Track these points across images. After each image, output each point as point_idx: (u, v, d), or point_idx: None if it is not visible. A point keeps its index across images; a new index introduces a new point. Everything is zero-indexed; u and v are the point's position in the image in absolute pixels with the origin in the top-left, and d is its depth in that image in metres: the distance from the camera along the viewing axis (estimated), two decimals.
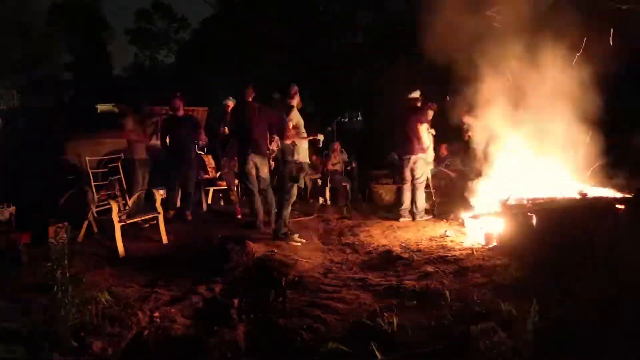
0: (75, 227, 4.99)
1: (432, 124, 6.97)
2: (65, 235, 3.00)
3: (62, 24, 26.92)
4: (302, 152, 5.57)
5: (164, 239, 5.49)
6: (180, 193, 6.79)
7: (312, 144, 6.40)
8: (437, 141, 7.55)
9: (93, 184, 5.52)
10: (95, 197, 5.53)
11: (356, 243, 5.37)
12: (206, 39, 22.82)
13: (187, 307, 3.45)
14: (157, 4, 31.41)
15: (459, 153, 8.51)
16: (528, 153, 5.60)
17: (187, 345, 2.82)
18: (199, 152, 8.61)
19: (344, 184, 8.71)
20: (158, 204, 5.49)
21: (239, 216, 6.89)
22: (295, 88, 5.72)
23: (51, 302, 2.93)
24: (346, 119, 19.56)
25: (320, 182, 9.00)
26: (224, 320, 3.12)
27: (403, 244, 5.24)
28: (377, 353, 2.50)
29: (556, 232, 3.87)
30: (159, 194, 5.67)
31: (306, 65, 17.00)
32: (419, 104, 6.85)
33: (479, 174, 6.41)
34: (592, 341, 2.48)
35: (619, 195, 4.20)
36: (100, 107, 9.44)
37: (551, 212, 4.14)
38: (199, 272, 4.35)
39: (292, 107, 5.65)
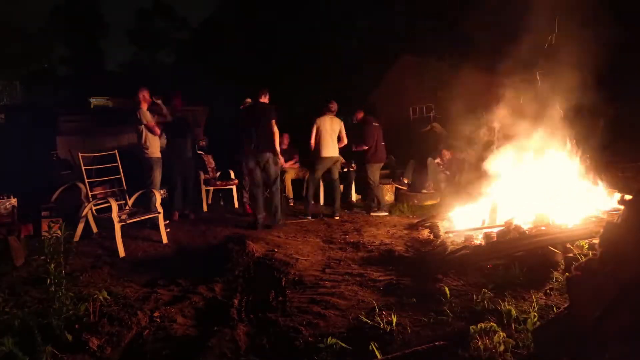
0: (71, 224, 4.96)
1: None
2: (59, 231, 3.01)
3: (61, 23, 26.98)
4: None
5: (164, 239, 5.49)
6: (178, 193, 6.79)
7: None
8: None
9: (87, 180, 5.47)
10: (90, 194, 5.51)
11: (360, 242, 5.36)
12: (206, 39, 22.88)
13: (187, 307, 3.45)
14: (158, 4, 31.40)
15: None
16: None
17: (187, 345, 2.82)
18: (199, 152, 8.62)
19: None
20: (158, 204, 5.49)
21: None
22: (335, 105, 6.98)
23: (45, 295, 2.93)
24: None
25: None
26: (224, 320, 3.12)
27: (407, 244, 5.24)
28: (377, 353, 2.50)
29: None
30: (159, 194, 5.67)
31: (306, 66, 17.06)
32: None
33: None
34: (591, 341, 2.48)
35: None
36: (94, 101, 9.45)
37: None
38: (199, 272, 4.35)
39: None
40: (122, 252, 4.96)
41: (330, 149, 6.88)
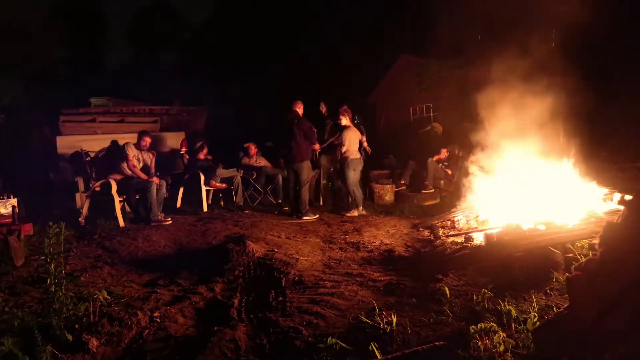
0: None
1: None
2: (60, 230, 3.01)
3: (60, 22, 26.93)
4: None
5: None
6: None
7: None
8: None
9: None
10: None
11: (360, 242, 5.36)
12: (207, 39, 22.92)
13: (187, 307, 3.45)
14: (158, 3, 31.38)
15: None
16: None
17: (187, 345, 2.82)
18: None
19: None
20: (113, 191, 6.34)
21: None
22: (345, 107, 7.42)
23: (45, 295, 2.93)
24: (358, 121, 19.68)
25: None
26: (224, 320, 3.12)
27: (407, 244, 5.24)
28: (377, 353, 2.50)
29: None
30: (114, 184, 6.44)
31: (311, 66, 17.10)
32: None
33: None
34: (591, 341, 2.48)
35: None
36: (94, 101, 9.49)
37: None
38: (199, 272, 4.35)
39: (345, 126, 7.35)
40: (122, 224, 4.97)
41: None
